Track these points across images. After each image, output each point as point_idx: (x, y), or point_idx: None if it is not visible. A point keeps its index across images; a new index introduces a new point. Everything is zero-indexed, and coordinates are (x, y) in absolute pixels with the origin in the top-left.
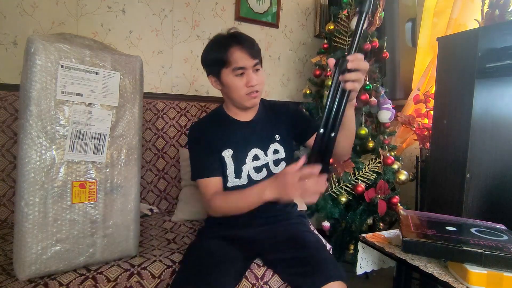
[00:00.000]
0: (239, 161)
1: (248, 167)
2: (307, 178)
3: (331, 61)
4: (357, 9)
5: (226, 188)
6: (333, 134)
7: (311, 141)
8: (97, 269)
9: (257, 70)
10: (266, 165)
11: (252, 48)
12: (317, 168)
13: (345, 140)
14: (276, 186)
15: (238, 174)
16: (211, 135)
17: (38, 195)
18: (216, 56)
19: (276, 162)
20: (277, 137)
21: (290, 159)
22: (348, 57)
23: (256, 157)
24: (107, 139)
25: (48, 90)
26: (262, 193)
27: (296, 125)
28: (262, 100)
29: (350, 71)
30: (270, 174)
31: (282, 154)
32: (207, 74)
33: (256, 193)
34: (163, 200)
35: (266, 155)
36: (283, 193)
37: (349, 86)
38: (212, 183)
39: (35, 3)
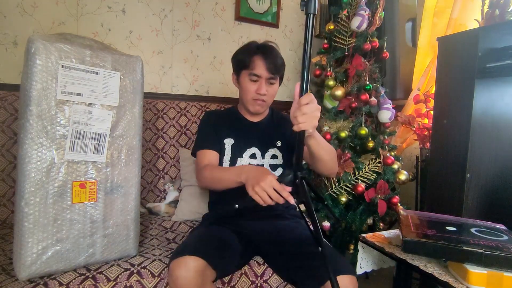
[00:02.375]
0: (236, 153)
1: (244, 161)
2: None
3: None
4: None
5: None
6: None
7: None
8: (97, 268)
9: (271, 84)
10: (262, 167)
11: (272, 63)
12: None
13: (321, 166)
14: (252, 176)
15: (232, 165)
16: (219, 123)
17: (38, 195)
18: (241, 58)
19: (274, 167)
20: (278, 143)
21: (286, 167)
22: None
23: (253, 156)
24: (107, 139)
25: (49, 90)
26: (240, 173)
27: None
28: (272, 109)
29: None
30: None
31: (280, 161)
32: (232, 72)
33: (235, 171)
34: (163, 200)
35: (263, 157)
36: (251, 185)
37: (295, 128)
38: (208, 154)
39: (35, 3)
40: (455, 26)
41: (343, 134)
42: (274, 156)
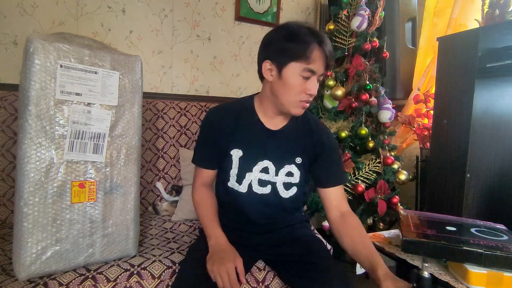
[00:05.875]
0: (245, 166)
1: (253, 176)
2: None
3: None
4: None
5: (225, 186)
6: None
7: (323, 192)
8: (97, 269)
9: (318, 81)
10: (274, 184)
11: (330, 58)
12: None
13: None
14: (217, 253)
15: (239, 179)
16: (225, 128)
17: (37, 195)
18: (293, 45)
19: (287, 186)
20: (298, 160)
21: (302, 186)
22: None
23: (265, 170)
24: (106, 138)
25: (47, 90)
26: (210, 236)
27: (320, 161)
28: None
29: None
30: (274, 193)
31: (296, 179)
32: (262, 59)
33: (208, 230)
34: (163, 199)
35: (277, 175)
36: (212, 261)
37: None
38: (203, 174)
39: (35, 3)
40: (455, 26)
41: (343, 134)
42: (289, 174)
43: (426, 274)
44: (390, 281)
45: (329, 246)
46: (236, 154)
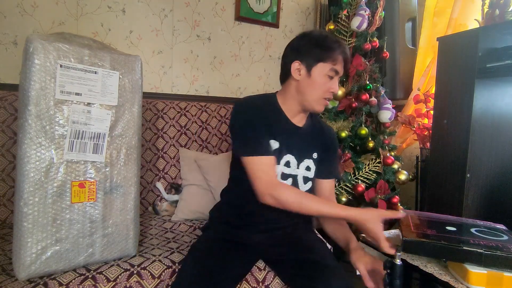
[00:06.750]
0: (276, 158)
1: (279, 169)
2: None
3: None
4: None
5: None
6: None
7: (319, 183)
8: (97, 269)
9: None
10: (295, 177)
11: (348, 63)
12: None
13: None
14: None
15: None
16: (264, 117)
17: (37, 195)
18: (322, 49)
19: (306, 180)
20: (315, 155)
21: (314, 182)
22: None
23: (288, 164)
24: (106, 138)
25: (47, 90)
26: (349, 212)
27: (324, 156)
28: (311, 115)
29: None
30: (294, 186)
31: (312, 174)
32: (291, 59)
33: (353, 211)
34: (163, 199)
35: (298, 167)
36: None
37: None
38: (272, 163)
39: (35, 3)
40: (455, 26)
41: (343, 134)
42: (308, 168)
43: (398, 261)
44: (359, 252)
45: (329, 246)
46: (274, 145)
